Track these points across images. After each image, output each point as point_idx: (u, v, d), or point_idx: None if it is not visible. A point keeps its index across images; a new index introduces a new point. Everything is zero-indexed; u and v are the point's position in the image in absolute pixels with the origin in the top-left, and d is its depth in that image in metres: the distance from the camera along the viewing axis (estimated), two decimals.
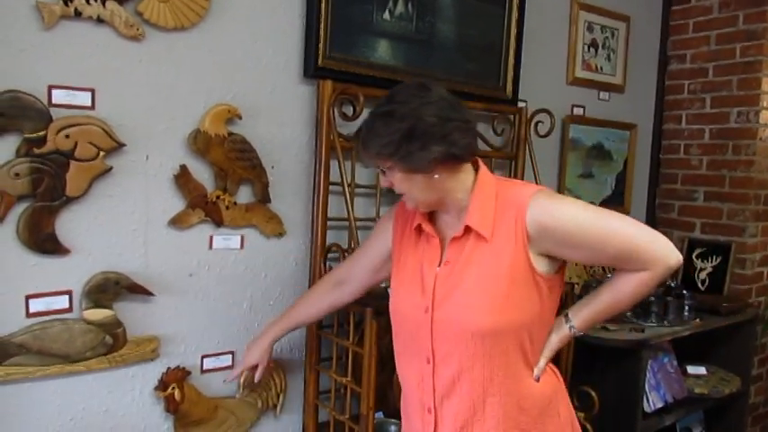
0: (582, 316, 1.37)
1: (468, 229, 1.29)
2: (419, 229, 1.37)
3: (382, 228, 1.53)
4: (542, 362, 1.34)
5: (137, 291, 1.64)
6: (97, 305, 1.58)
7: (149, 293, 1.66)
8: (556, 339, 1.36)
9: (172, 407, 1.71)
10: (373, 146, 1.25)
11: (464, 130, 1.25)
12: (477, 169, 1.33)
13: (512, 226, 1.25)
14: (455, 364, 1.28)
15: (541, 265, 1.27)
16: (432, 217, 1.38)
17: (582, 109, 2.80)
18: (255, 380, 1.75)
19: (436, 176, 1.25)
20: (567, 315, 1.39)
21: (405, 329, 1.38)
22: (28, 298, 1.51)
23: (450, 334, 1.28)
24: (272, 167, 1.86)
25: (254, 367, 1.71)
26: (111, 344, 1.60)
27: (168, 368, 1.72)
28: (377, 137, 1.23)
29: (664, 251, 1.26)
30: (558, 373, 1.43)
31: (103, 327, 1.58)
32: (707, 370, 2.74)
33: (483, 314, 1.24)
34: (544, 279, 1.27)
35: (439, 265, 1.32)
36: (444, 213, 1.35)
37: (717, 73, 2.97)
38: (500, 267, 1.25)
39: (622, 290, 1.31)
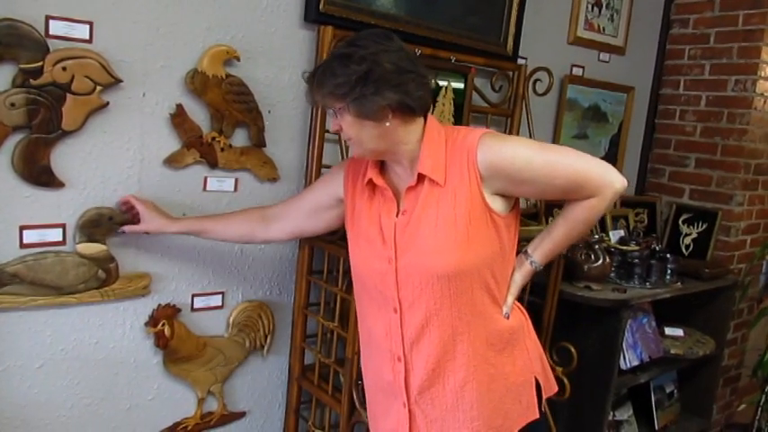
0: (541, 250, 1.44)
1: (421, 177, 1.32)
2: (371, 184, 1.39)
3: (331, 177, 1.55)
4: (510, 299, 1.41)
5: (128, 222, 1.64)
6: (90, 239, 1.60)
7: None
8: (519, 276, 1.43)
9: (161, 342, 1.75)
10: (327, 85, 1.25)
11: (419, 83, 1.27)
12: (425, 120, 1.35)
13: (464, 169, 1.29)
14: (422, 309, 1.32)
15: (496, 204, 1.31)
16: (383, 170, 1.40)
17: (581, 69, 2.78)
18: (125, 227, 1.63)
19: (387, 124, 1.27)
20: (526, 252, 1.45)
21: (369, 282, 1.41)
22: (22, 229, 1.53)
23: (415, 280, 1.31)
24: (269, 112, 1.85)
25: (134, 214, 1.62)
26: (104, 278, 1.63)
27: (159, 305, 1.75)
28: (332, 76, 1.24)
29: (609, 177, 1.32)
30: (523, 309, 1.49)
31: (96, 261, 1.60)
32: (684, 332, 2.81)
33: (446, 256, 1.28)
34: (500, 217, 1.32)
35: (396, 216, 1.35)
36: (396, 165, 1.37)
37: (718, 40, 2.95)
38: (457, 209, 1.28)
39: (575, 218, 1.38)
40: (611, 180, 1.32)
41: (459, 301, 1.31)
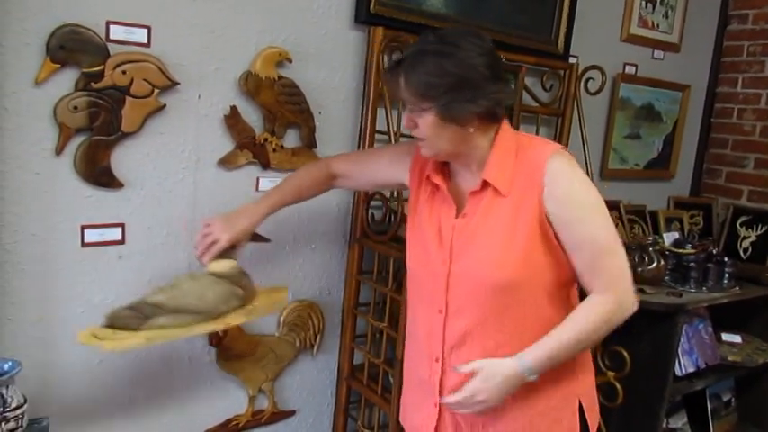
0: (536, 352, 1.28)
1: (485, 183, 1.27)
2: (432, 182, 1.35)
3: (399, 160, 1.48)
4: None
5: (256, 239, 1.61)
6: (220, 255, 1.49)
7: (266, 240, 1.68)
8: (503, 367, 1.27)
9: (215, 340, 1.78)
10: (419, 83, 1.19)
11: (508, 91, 1.24)
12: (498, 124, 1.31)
13: (529, 183, 1.24)
14: (468, 317, 1.28)
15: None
16: (444, 168, 1.36)
17: (634, 67, 2.72)
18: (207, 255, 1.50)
19: (471, 130, 1.23)
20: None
21: (420, 280, 1.38)
22: (83, 228, 1.57)
23: (466, 287, 1.28)
24: (320, 113, 1.86)
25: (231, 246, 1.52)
26: (241, 295, 1.50)
27: None
28: (426, 75, 1.18)
29: (625, 285, 1.25)
30: None
31: (230, 278, 1.49)
32: (742, 338, 2.71)
33: (500, 268, 1.23)
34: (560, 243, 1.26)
35: (456, 218, 1.31)
36: (461, 166, 1.33)
37: None
38: (517, 222, 1.23)
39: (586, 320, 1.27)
40: (625, 289, 1.25)
41: (504, 315, 1.26)
